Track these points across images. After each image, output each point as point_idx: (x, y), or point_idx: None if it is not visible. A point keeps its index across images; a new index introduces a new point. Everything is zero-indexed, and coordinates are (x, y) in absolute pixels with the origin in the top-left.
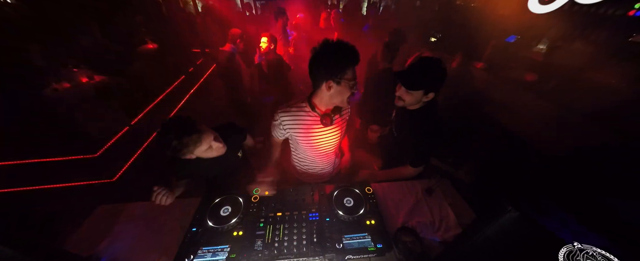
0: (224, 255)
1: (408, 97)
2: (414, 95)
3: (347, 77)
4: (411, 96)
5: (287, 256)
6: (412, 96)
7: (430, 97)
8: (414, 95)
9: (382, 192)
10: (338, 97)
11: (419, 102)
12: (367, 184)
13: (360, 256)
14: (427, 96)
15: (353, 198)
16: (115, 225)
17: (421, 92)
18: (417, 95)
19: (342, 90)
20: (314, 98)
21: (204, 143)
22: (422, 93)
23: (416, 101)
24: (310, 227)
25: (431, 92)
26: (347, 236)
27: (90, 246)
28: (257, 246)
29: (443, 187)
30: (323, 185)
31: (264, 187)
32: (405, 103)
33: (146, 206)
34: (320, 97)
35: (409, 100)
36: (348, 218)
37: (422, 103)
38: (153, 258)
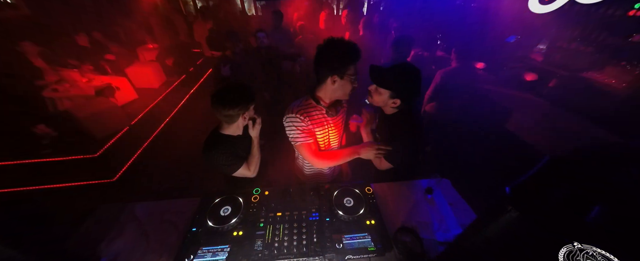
0: (224, 255)
1: (376, 96)
2: (381, 95)
3: (350, 72)
4: (379, 95)
5: (287, 256)
6: (380, 95)
7: (397, 104)
8: (382, 95)
9: (382, 192)
10: (340, 91)
11: (386, 104)
12: (367, 184)
13: (360, 256)
14: (394, 101)
15: (353, 198)
16: (115, 225)
17: (388, 92)
18: (384, 95)
19: (345, 84)
20: (318, 92)
21: (252, 105)
22: (388, 95)
23: (383, 102)
24: (310, 227)
25: (397, 98)
26: (347, 236)
27: (90, 246)
28: (257, 246)
29: (443, 187)
30: (323, 185)
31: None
32: (372, 100)
33: (146, 207)
34: (324, 90)
35: (377, 99)
36: (348, 218)
37: (394, 108)
38: (153, 258)
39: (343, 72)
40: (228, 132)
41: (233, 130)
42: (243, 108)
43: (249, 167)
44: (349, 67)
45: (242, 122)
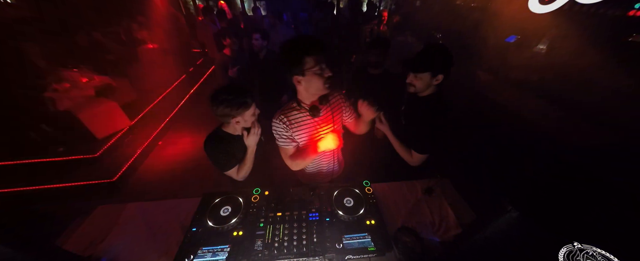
0: (224, 255)
1: (418, 82)
2: (422, 79)
3: (308, 66)
4: (420, 80)
5: (287, 256)
6: (421, 80)
7: (440, 80)
8: (423, 79)
9: (382, 192)
10: (312, 87)
11: (429, 86)
12: (367, 184)
13: (360, 256)
14: (436, 79)
15: (353, 198)
16: (115, 225)
17: (429, 74)
18: (426, 78)
19: (311, 79)
20: (298, 96)
21: (250, 109)
22: (430, 76)
23: (426, 85)
24: (310, 227)
25: (439, 74)
26: (347, 236)
27: (90, 246)
28: (257, 246)
29: (443, 187)
30: (323, 185)
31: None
32: (416, 89)
33: (146, 206)
34: (300, 93)
35: (419, 85)
36: (348, 218)
37: (432, 88)
38: (153, 258)
39: (301, 68)
40: (228, 130)
41: (232, 129)
42: (234, 112)
43: (238, 171)
44: (305, 62)
45: (236, 125)
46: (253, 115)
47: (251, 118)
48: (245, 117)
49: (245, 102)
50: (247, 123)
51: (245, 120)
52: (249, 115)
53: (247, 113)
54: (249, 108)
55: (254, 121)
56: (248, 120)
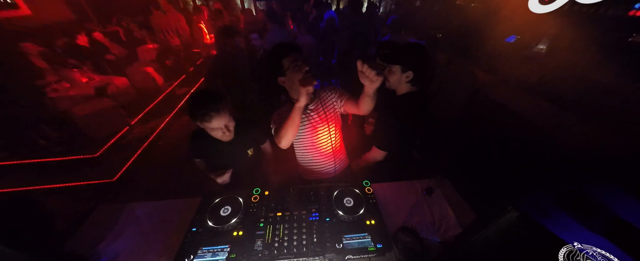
0: (224, 255)
1: (390, 76)
2: (394, 73)
3: (285, 65)
4: (392, 74)
5: (287, 256)
6: (393, 74)
7: (410, 77)
8: (395, 73)
9: (382, 192)
10: (294, 84)
11: (401, 82)
12: (367, 184)
13: (360, 256)
14: (406, 75)
15: (353, 198)
16: (115, 225)
17: (399, 68)
18: (397, 71)
19: (291, 77)
20: (290, 95)
21: (213, 122)
22: (400, 70)
23: (398, 81)
24: (310, 227)
25: (409, 70)
26: (347, 236)
27: (90, 246)
28: (257, 246)
29: (443, 187)
30: (323, 185)
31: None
32: (389, 83)
33: (146, 206)
34: (289, 93)
35: (391, 79)
36: (348, 218)
37: (407, 87)
38: (153, 258)
39: (280, 70)
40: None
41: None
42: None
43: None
44: (282, 64)
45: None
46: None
47: (218, 131)
48: (212, 126)
49: (206, 114)
50: (216, 133)
51: (212, 130)
52: (215, 127)
53: (210, 126)
54: (211, 121)
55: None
56: (216, 131)
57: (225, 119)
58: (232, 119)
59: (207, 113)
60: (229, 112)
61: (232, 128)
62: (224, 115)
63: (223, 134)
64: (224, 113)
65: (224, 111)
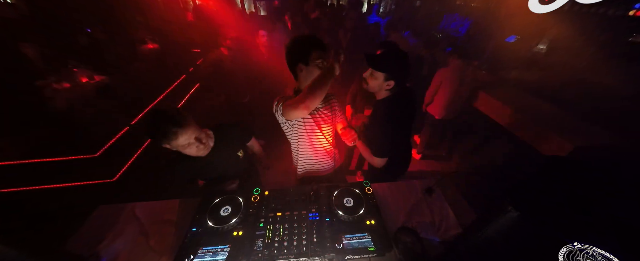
0: (224, 255)
1: (371, 80)
2: (377, 79)
3: (313, 57)
4: (374, 79)
5: (287, 256)
6: (375, 79)
7: (391, 85)
8: (377, 79)
9: (382, 192)
10: (310, 78)
11: (381, 88)
12: (368, 184)
13: (360, 256)
14: (387, 83)
15: (353, 198)
16: (115, 225)
17: (383, 75)
18: (379, 78)
19: (312, 70)
20: (299, 87)
21: (180, 138)
22: (383, 78)
23: (378, 86)
24: (310, 227)
25: (391, 80)
26: (347, 236)
27: (90, 246)
28: (257, 246)
29: (443, 187)
30: (323, 185)
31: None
32: (368, 87)
33: (146, 206)
34: (299, 83)
35: (372, 83)
36: (348, 218)
37: (385, 93)
38: (153, 258)
39: (307, 59)
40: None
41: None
42: (159, 142)
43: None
44: (311, 54)
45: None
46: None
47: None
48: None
49: (169, 132)
50: (190, 150)
51: (185, 148)
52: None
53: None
54: (178, 138)
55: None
56: (189, 148)
57: (194, 132)
58: (201, 130)
59: (169, 131)
60: (194, 124)
61: (205, 140)
62: (189, 128)
63: (197, 148)
64: (189, 126)
65: (188, 124)
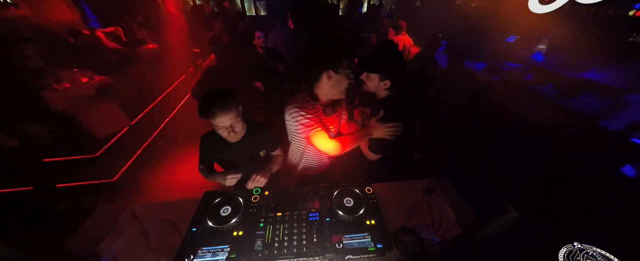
0: (224, 255)
1: (368, 82)
2: (373, 80)
3: (344, 65)
4: (371, 81)
5: (287, 256)
6: (371, 81)
7: (387, 85)
8: (373, 80)
9: (382, 192)
10: (337, 87)
11: (378, 88)
12: (367, 184)
13: (360, 256)
14: (384, 83)
15: (353, 198)
16: (115, 225)
17: (377, 76)
18: (374, 79)
19: (341, 79)
20: (316, 90)
21: (217, 119)
22: (378, 78)
23: (376, 87)
24: (310, 227)
25: (387, 79)
26: (347, 236)
27: (90, 246)
28: (257, 246)
29: (443, 187)
30: (323, 185)
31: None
32: (367, 88)
33: (146, 207)
34: (320, 87)
35: (370, 85)
36: (348, 218)
37: (385, 92)
38: (153, 258)
39: (337, 66)
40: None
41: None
42: (204, 116)
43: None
44: (342, 61)
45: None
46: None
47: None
48: (216, 123)
49: (208, 110)
50: (221, 132)
51: (218, 128)
52: (219, 125)
53: (214, 122)
54: (215, 118)
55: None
56: (221, 130)
57: (231, 119)
58: (240, 120)
59: (209, 109)
60: (236, 113)
61: (238, 130)
62: (229, 113)
63: (228, 134)
64: (230, 112)
65: (230, 110)
